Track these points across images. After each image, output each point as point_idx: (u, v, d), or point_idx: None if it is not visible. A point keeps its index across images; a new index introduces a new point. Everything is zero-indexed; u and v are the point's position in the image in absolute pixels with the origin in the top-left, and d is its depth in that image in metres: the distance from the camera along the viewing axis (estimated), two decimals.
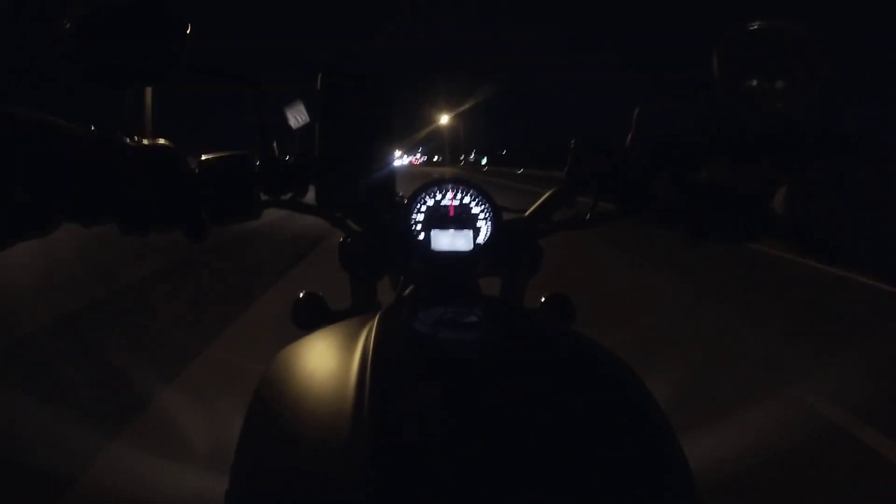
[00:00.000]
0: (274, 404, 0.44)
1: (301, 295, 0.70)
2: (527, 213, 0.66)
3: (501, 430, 0.37)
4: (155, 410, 1.97)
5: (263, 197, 0.56)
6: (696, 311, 3.42)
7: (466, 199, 0.63)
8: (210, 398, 1.95)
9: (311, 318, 0.68)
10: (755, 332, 3.00)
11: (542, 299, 0.69)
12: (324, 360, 0.47)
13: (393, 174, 0.59)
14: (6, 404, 1.90)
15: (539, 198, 0.66)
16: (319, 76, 0.57)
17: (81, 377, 2.16)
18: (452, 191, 0.64)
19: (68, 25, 0.43)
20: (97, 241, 3.71)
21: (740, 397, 2.12)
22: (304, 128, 0.59)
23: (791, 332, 3.01)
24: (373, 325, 0.47)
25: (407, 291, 0.64)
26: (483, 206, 0.63)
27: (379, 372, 0.41)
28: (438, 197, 0.63)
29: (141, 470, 1.57)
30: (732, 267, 4.53)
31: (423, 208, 0.63)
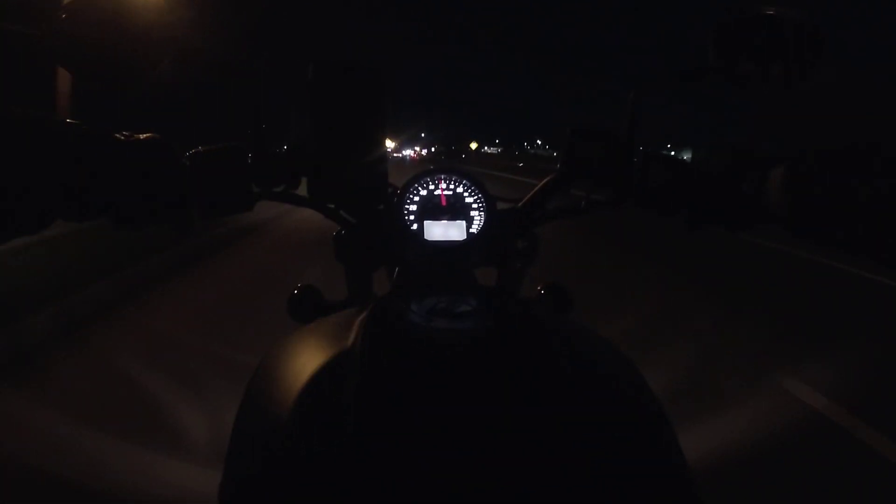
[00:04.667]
0: (268, 396, 0.44)
1: (297, 287, 0.70)
2: (521, 202, 0.65)
3: (494, 420, 0.37)
4: None
5: (255, 189, 0.56)
6: None
7: (459, 189, 0.63)
8: None
9: (306, 311, 0.68)
10: None
11: (539, 289, 0.68)
12: (317, 352, 0.47)
13: (385, 164, 0.58)
14: None
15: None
16: (311, 66, 0.57)
17: None
18: (444, 181, 0.63)
19: (55, 23, 0.43)
20: None
21: None
22: (297, 119, 0.58)
23: None
24: (366, 315, 0.47)
25: (401, 282, 0.64)
26: (475, 196, 0.63)
27: (372, 363, 0.41)
28: (431, 187, 0.63)
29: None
30: None
31: (416, 199, 0.62)
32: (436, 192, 0.63)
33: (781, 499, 1.51)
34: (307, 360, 0.45)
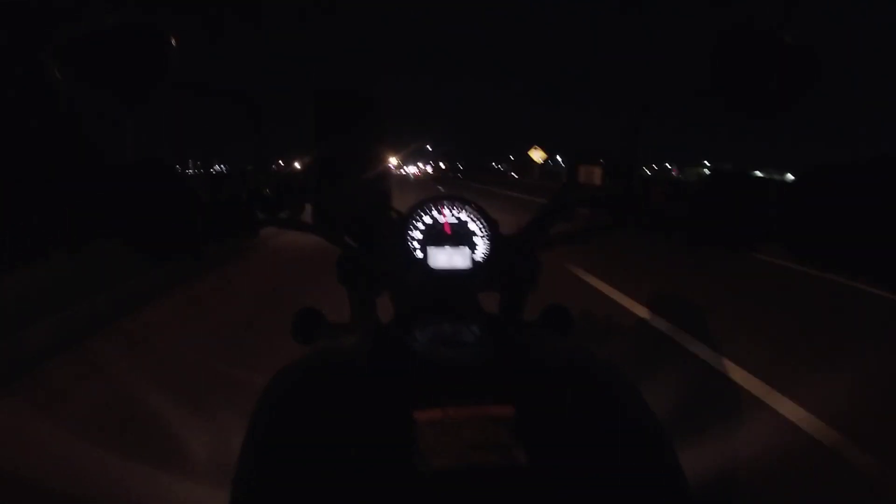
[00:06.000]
0: (275, 421, 0.44)
1: (299, 310, 0.70)
2: (524, 227, 0.65)
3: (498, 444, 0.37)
4: None
5: (260, 215, 0.56)
6: None
7: (462, 216, 0.63)
8: None
9: (310, 333, 0.68)
10: None
11: (541, 311, 0.68)
12: (324, 378, 0.47)
13: (388, 190, 0.59)
14: None
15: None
16: (313, 94, 0.57)
17: None
18: (448, 207, 0.63)
19: (54, 50, 0.43)
20: None
21: None
22: (300, 147, 0.59)
23: None
24: (371, 342, 0.47)
25: (405, 308, 0.64)
26: (480, 223, 0.62)
27: (377, 390, 0.41)
28: (434, 214, 0.63)
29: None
30: None
31: (420, 226, 0.62)
32: (440, 220, 0.63)
33: None
34: (314, 386, 0.45)
